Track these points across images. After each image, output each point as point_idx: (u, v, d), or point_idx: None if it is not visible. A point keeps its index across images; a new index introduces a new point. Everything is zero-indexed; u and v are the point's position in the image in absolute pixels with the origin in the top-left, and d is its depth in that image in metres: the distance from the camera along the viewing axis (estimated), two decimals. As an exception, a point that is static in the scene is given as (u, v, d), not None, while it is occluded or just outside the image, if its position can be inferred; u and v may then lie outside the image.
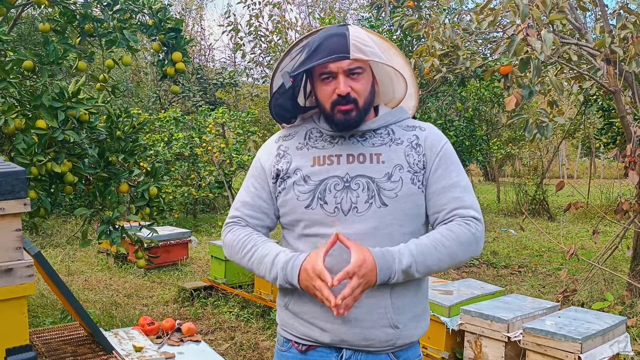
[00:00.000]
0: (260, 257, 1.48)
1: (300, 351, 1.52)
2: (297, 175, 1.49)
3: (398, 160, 1.48)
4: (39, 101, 3.03)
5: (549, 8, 3.79)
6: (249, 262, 1.51)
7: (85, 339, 2.21)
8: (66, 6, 3.46)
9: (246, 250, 1.51)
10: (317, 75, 1.48)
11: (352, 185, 1.45)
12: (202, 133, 9.81)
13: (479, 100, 9.34)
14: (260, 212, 1.57)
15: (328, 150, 1.51)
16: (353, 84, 1.45)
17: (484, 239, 1.51)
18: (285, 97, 1.54)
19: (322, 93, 1.48)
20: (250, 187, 1.60)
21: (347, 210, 1.44)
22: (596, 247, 7.46)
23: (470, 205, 1.48)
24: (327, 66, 1.43)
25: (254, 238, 1.53)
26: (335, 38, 1.43)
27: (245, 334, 4.49)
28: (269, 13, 9.98)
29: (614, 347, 3.06)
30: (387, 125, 1.54)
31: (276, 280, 1.45)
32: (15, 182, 1.64)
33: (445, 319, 3.44)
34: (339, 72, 1.43)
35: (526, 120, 3.92)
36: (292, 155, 1.54)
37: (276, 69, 1.59)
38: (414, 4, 5.22)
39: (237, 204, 1.61)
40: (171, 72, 3.68)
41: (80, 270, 6.66)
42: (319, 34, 1.49)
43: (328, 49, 1.42)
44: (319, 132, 1.55)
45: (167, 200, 9.34)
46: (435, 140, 1.53)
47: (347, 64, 1.43)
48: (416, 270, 1.40)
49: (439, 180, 1.49)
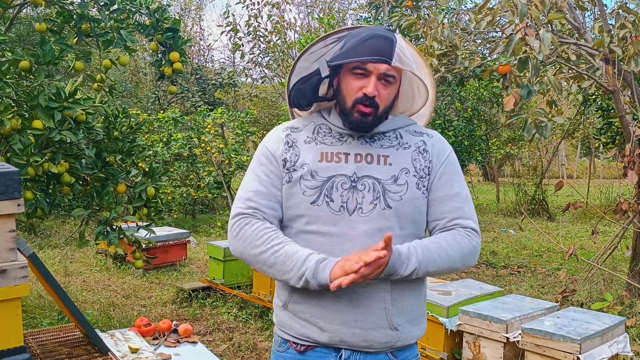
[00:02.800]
0: (291, 252, 1.40)
1: (299, 351, 1.51)
2: (304, 170, 1.48)
3: (405, 163, 1.49)
4: (35, 101, 3.02)
5: (547, 7, 3.79)
6: (272, 258, 1.41)
7: (81, 340, 2.20)
8: (63, 6, 3.45)
9: (273, 244, 1.42)
10: (349, 68, 1.46)
11: (359, 186, 1.45)
12: (201, 133, 9.80)
13: (478, 100, 9.34)
14: (275, 202, 1.50)
15: (336, 147, 1.50)
16: (381, 89, 1.45)
17: (479, 252, 1.53)
18: (308, 84, 1.53)
19: (348, 86, 1.46)
20: (261, 175, 1.52)
21: (352, 210, 1.44)
22: (595, 247, 7.45)
23: (471, 217, 1.51)
24: (365, 64, 1.42)
25: (281, 235, 1.46)
26: (382, 40, 1.42)
27: (244, 335, 4.48)
28: (267, 13, 9.97)
29: (613, 347, 3.05)
30: (395, 129, 1.54)
31: (302, 277, 1.38)
32: (9, 182, 1.63)
33: (443, 319, 3.43)
34: (374, 72, 1.43)
35: (525, 120, 3.92)
36: (300, 147, 1.52)
37: (305, 50, 1.56)
38: (412, 3, 5.22)
39: (250, 193, 1.50)
40: (169, 72, 3.67)
41: (79, 271, 6.64)
42: (365, 29, 1.48)
43: (372, 48, 1.40)
44: (328, 128, 1.54)
45: (165, 200, 9.33)
46: (442, 148, 1.55)
47: (384, 68, 1.42)
48: (416, 275, 1.42)
49: (442, 188, 1.51)
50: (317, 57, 1.56)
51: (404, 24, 4.93)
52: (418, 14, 5.25)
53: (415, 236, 1.49)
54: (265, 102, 14.43)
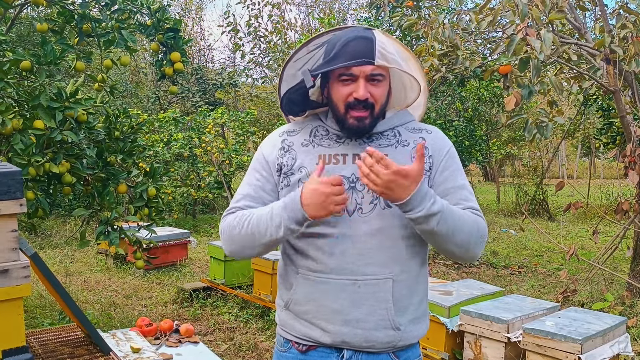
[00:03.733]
0: (259, 216, 1.43)
1: (301, 351, 1.51)
2: (302, 173, 1.48)
3: (404, 161, 1.46)
4: (36, 101, 3.02)
5: (548, 8, 3.78)
6: (249, 227, 1.43)
7: (82, 340, 2.20)
8: (64, 6, 3.45)
9: (245, 219, 1.45)
10: (335, 75, 1.44)
11: (358, 186, 1.45)
12: (201, 133, 9.80)
13: (478, 100, 9.32)
14: (261, 204, 1.51)
15: (334, 149, 1.50)
16: (372, 89, 1.43)
17: (485, 244, 1.51)
18: (297, 93, 1.52)
19: (337, 94, 1.45)
20: (252, 180, 1.55)
21: (352, 211, 1.44)
22: (596, 247, 7.45)
23: (477, 208, 1.49)
24: (350, 69, 1.41)
25: (252, 210, 1.48)
26: (361, 41, 1.40)
27: (245, 335, 4.48)
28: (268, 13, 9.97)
29: (614, 347, 3.05)
30: (393, 128, 1.53)
31: (280, 227, 1.38)
32: (11, 182, 1.63)
33: (445, 319, 3.43)
34: (360, 76, 1.41)
35: (526, 120, 3.92)
36: (297, 151, 1.51)
37: (290, 58, 1.55)
38: (413, 3, 5.21)
39: (238, 196, 1.55)
40: (169, 72, 3.67)
41: (80, 271, 6.65)
42: (343, 33, 1.46)
43: (353, 52, 1.39)
44: (325, 130, 1.54)
45: (166, 200, 9.33)
46: (442, 143, 1.54)
47: (370, 69, 1.41)
48: (437, 222, 1.35)
49: (446, 181, 1.49)
50: (301, 65, 1.55)
51: (404, 24, 4.93)
52: (419, 14, 5.24)
53: (418, 235, 1.47)
54: (265, 102, 14.41)
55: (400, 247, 1.45)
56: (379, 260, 1.43)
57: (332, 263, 1.43)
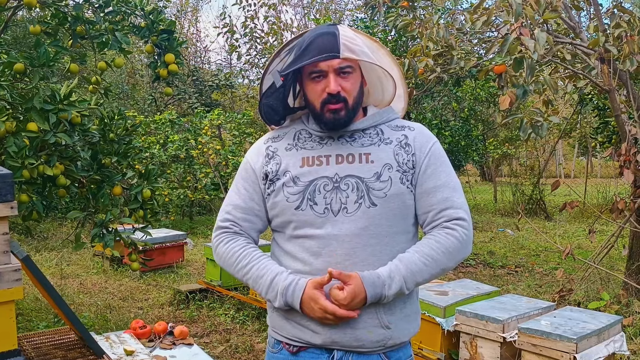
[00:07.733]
0: (256, 277, 1.48)
1: (292, 352, 1.51)
2: (286, 177, 1.49)
3: (387, 159, 1.47)
4: (30, 104, 3.01)
5: (542, 7, 3.79)
6: (244, 277, 1.50)
7: (76, 343, 2.19)
8: (58, 8, 3.44)
9: (241, 266, 1.50)
10: (307, 74, 1.48)
11: (342, 186, 1.45)
12: (197, 135, 9.79)
13: (474, 100, 9.34)
14: (252, 215, 1.56)
15: (317, 150, 1.50)
16: (343, 83, 1.45)
17: (472, 240, 1.50)
18: (275, 98, 1.53)
19: (311, 92, 1.48)
20: (241, 189, 1.58)
21: (337, 211, 1.44)
22: (592, 246, 7.46)
23: (460, 205, 1.48)
24: (318, 65, 1.43)
25: (248, 253, 1.51)
26: (325, 37, 1.44)
27: (241, 337, 4.47)
28: (264, 14, 9.93)
29: (610, 346, 3.05)
30: (376, 125, 1.54)
31: (274, 301, 1.44)
32: (2, 185, 1.62)
33: (440, 319, 3.43)
34: (329, 70, 1.44)
35: (521, 119, 3.92)
36: (282, 156, 1.53)
37: (266, 70, 1.58)
38: (408, 4, 5.21)
39: (229, 207, 1.58)
40: (164, 74, 3.66)
41: (76, 274, 6.63)
42: (308, 34, 1.49)
43: (318, 48, 1.42)
44: (308, 133, 1.55)
45: (162, 202, 9.32)
46: (424, 140, 1.53)
47: (337, 63, 1.43)
48: (406, 289, 1.42)
49: (428, 180, 1.49)
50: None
51: (400, 25, 4.93)
52: (414, 14, 5.24)
53: (405, 232, 1.48)
54: (262, 103, 14.37)
55: (387, 245, 1.45)
56: (366, 259, 1.43)
57: (320, 264, 1.43)
